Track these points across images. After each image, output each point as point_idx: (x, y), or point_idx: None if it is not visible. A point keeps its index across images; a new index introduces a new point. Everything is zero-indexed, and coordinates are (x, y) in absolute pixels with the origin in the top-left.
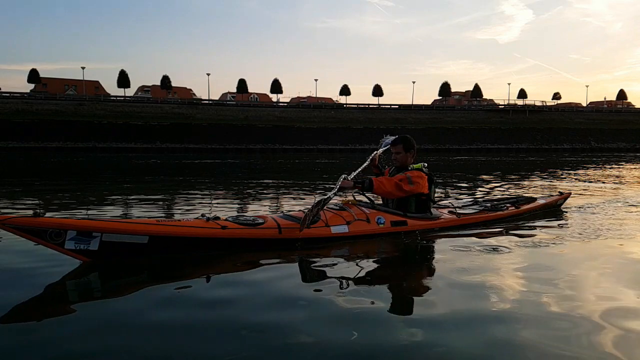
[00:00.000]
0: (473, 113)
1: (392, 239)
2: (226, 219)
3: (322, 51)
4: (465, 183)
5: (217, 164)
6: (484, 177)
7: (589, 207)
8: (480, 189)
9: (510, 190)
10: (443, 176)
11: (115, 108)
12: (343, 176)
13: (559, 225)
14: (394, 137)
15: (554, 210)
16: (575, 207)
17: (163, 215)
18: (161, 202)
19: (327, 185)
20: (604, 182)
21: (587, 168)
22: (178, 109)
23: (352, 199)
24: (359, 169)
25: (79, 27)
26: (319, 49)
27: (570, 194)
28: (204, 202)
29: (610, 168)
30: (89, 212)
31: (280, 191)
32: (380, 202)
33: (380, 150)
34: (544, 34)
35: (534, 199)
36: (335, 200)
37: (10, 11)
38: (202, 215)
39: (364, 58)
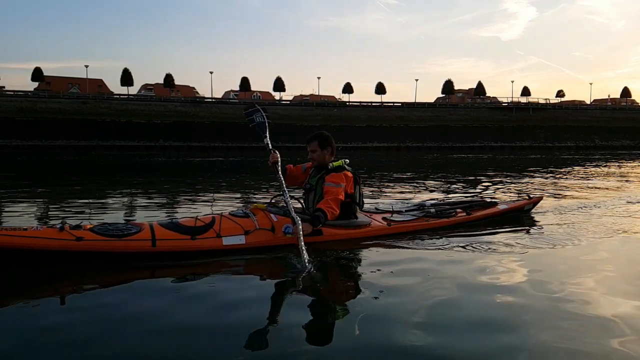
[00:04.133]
0: (476, 111)
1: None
2: (91, 228)
3: (325, 49)
4: (446, 182)
5: (219, 162)
6: (477, 175)
7: (562, 210)
8: (456, 187)
9: (493, 189)
10: (433, 174)
11: (118, 106)
12: (300, 229)
13: (524, 231)
14: (254, 110)
15: (518, 216)
16: (551, 209)
17: (152, 214)
18: (146, 202)
19: None
20: (599, 180)
21: (588, 166)
22: (181, 107)
23: (261, 203)
24: (287, 197)
25: (83, 25)
26: (321, 47)
27: (541, 197)
28: (181, 201)
29: (611, 166)
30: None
31: (265, 188)
32: (300, 205)
33: (268, 143)
34: (547, 32)
35: (493, 204)
36: (241, 204)
37: (14, 10)
38: (62, 222)
39: (366, 56)
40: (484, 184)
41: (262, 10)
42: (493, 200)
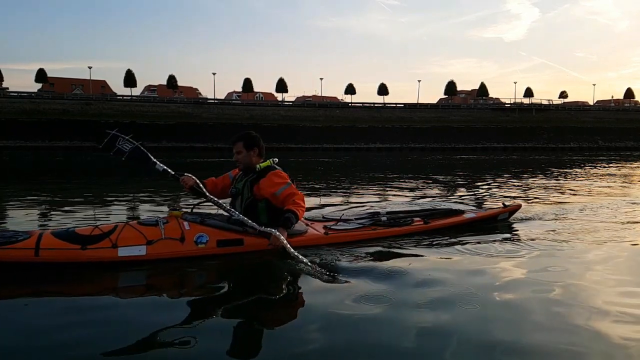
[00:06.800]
0: (479, 112)
1: (221, 262)
2: None
3: (328, 50)
4: (437, 184)
5: (220, 162)
6: (474, 177)
7: (554, 215)
8: (444, 190)
9: (482, 192)
10: (429, 175)
11: (121, 107)
12: (283, 238)
13: (498, 239)
14: (112, 138)
15: (490, 225)
16: (526, 215)
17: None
18: (108, 205)
19: (319, 185)
20: (601, 182)
21: (591, 168)
22: (184, 108)
23: (178, 211)
24: (237, 214)
25: (86, 26)
26: (324, 48)
27: (519, 206)
28: (141, 204)
29: (614, 167)
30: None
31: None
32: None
33: (166, 169)
34: (550, 32)
35: (458, 212)
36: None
37: (18, 11)
38: None
39: (369, 57)
40: (476, 185)
41: (264, 11)
42: (458, 208)
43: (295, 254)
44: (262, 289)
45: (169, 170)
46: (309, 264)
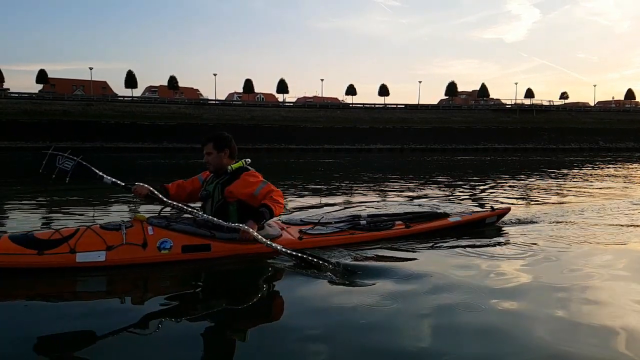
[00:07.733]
0: (480, 113)
1: (189, 268)
2: None
3: (328, 51)
4: (431, 186)
5: None
6: (471, 178)
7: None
8: (437, 192)
9: (474, 194)
10: (426, 177)
11: (122, 108)
12: (253, 231)
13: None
14: (50, 158)
15: (486, 228)
16: (516, 218)
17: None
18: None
19: (319, 186)
20: (601, 183)
21: (591, 168)
22: (185, 109)
23: (142, 215)
24: (200, 214)
25: (87, 27)
26: (325, 49)
27: (508, 209)
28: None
29: (614, 169)
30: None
31: None
32: (185, 216)
33: (115, 181)
34: (550, 33)
35: (443, 215)
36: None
37: (18, 11)
38: None
39: (370, 58)
40: (475, 186)
41: (266, 11)
42: (444, 211)
43: (269, 242)
44: (230, 296)
45: (118, 181)
46: (283, 250)
